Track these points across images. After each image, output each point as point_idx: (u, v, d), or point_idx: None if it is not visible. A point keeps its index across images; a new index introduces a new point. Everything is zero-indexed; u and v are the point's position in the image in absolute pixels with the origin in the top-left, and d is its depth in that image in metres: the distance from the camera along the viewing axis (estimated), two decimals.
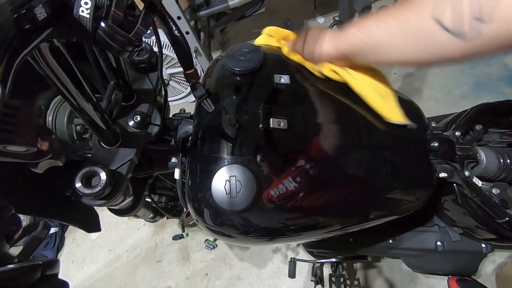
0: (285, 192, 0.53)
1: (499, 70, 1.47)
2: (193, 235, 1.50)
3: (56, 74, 0.36)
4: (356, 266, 1.23)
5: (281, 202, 0.53)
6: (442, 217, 0.82)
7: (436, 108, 1.44)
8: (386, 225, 0.67)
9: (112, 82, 0.55)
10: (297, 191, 0.54)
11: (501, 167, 0.66)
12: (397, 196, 0.64)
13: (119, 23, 0.28)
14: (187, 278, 1.41)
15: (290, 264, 1.03)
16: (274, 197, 0.52)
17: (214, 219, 0.54)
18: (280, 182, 0.53)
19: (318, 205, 0.56)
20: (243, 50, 0.60)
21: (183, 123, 0.64)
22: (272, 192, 0.52)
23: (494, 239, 0.74)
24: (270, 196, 0.52)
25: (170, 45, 1.57)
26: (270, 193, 0.52)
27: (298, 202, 0.54)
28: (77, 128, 0.58)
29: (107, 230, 1.66)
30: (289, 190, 0.53)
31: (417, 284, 1.14)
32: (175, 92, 1.84)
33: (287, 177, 0.54)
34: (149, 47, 0.62)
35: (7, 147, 0.26)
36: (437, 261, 0.84)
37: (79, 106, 0.42)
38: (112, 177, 0.49)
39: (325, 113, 0.60)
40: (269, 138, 0.55)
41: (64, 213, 0.58)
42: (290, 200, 0.53)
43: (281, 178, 0.53)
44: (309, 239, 0.74)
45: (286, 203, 0.53)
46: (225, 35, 2.17)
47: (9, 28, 0.24)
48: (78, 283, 1.56)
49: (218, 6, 1.54)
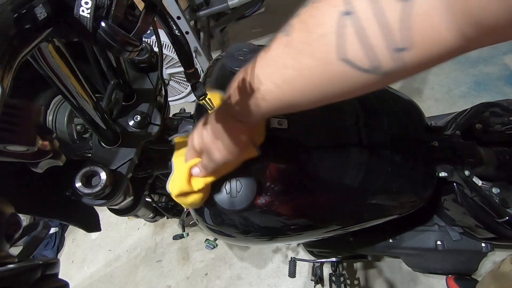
0: (286, 191, 0.53)
1: (499, 69, 1.47)
2: (193, 234, 1.50)
3: (56, 73, 0.36)
4: (356, 265, 1.23)
5: (281, 201, 0.53)
6: (442, 217, 0.82)
7: (436, 108, 1.44)
8: (386, 224, 0.67)
9: (112, 81, 0.55)
10: (297, 190, 0.54)
11: (501, 167, 0.66)
12: (397, 196, 0.64)
13: (120, 23, 0.28)
14: (187, 277, 1.41)
15: (290, 263, 1.03)
16: (274, 197, 0.52)
17: (214, 218, 0.54)
18: (280, 182, 0.53)
19: (318, 204, 0.56)
20: (243, 49, 0.60)
21: (183, 123, 0.64)
22: (272, 191, 0.52)
23: (494, 238, 0.74)
24: (270, 196, 0.52)
25: (170, 45, 1.57)
26: (270, 193, 0.52)
27: (299, 202, 0.54)
28: (77, 127, 0.58)
29: (107, 230, 1.66)
30: (289, 189, 0.53)
31: (417, 283, 1.14)
32: (175, 92, 1.84)
33: (287, 177, 0.54)
34: (149, 47, 0.62)
35: (7, 147, 0.26)
36: (437, 261, 0.84)
37: (79, 105, 0.42)
38: (112, 176, 0.49)
39: (326, 112, 0.60)
40: (269, 137, 0.55)
41: (64, 213, 0.58)
42: (290, 200, 0.53)
43: (281, 178, 0.53)
44: (309, 239, 0.74)
45: (287, 202, 0.53)
46: (225, 35, 2.17)
47: (9, 27, 0.24)
48: (78, 283, 1.56)
49: (218, 6, 1.54)
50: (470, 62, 1.53)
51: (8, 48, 0.24)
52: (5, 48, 0.23)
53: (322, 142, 0.57)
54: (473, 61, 1.53)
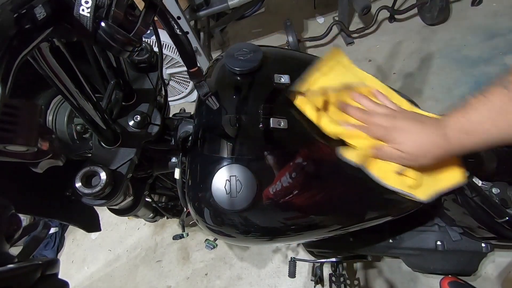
0: (285, 191, 0.53)
1: (499, 70, 1.47)
2: (193, 235, 1.50)
3: (56, 74, 0.36)
4: (356, 265, 1.23)
5: (281, 201, 0.53)
6: (442, 217, 0.82)
7: (436, 108, 1.44)
8: (386, 224, 0.67)
9: (112, 81, 0.55)
10: (297, 190, 0.54)
11: (500, 167, 0.66)
12: (397, 196, 0.64)
13: (120, 23, 0.28)
14: (187, 278, 1.41)
15: (290, 263, 1.03)
16: (274, 197, 0.52)
17: (214, 218, 0.54)
18: (280, 182, 0.53)
19: (318, 204, 0.56)
20: (243, 49, 0.60)
21: (183, 122, 0.64)
22: (272, 191, 0.52)
23: (494, 238, 0.74)
24: (270, 196, 0.52)
25: (170, 45, 1.57)
26: (270, 192, 0.52)
27: (298, 202, 0.54)
28: (77, 127, 0.58)
29: (107, 230, 1.66)
30: (289, 189, 0.53)
31: (417, 284, 1.14)
32: (175, 92, 1.84)
33: (288, 177, 0.54)
34: (149, 46, 0.62)
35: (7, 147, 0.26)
36: (437, 261, 0.84)
37: (79, 105, 0.42)
38: (112, 177, 0.49)
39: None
40: (269, 137, 0.55)
41: (64, 213, 0.58)
42: (290, 200, 0.53)
43: (281, 178, 0.53)
44: (309, 239, 0.74)
45: (286, 202, 0.53)
46: (225, 35, 2.17)
47: (9, 27, 0.24)
48: (78, 283, 1.56)
49: (218, 6, 1.54)
50: (470, 62, 1.53)
51: (8, 48, 0.24)
52: (5, 48, 0.23)
53: (322, 142, 0.57)
54: (474, 61, 1.53)
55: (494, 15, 1.65)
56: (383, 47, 1.74)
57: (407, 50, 1.69)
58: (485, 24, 1.64)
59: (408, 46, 1.70)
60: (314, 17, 2.04)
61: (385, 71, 1.65)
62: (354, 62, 0.62)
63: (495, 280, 1.04)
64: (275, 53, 0.66)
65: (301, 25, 2.02)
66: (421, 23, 1.77)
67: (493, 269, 1.07)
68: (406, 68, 1.62)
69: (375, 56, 1.73)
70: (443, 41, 1.64)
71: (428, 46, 1.65)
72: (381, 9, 1.70)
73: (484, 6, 1.71)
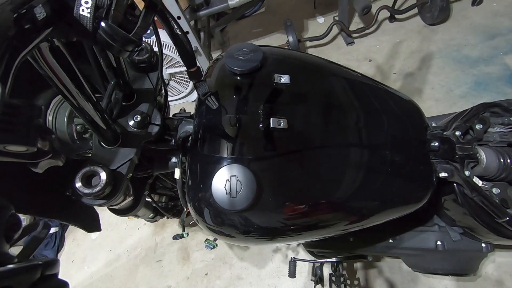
0: (285, 191, 0.53)
1: (499, 69, 1.47)
2: (193, 234, 1.50)
3: (56, 74, 0.36)
4: (356, 266, 1.23)
5: (281, 201, 0.53)
6: (442, 217, 0.82)
7: (436, 108, 1.44)
8: (386, 224, 0.67)
9: (112, 81, 0.55)
10: (297, 190, 0.54)
11: (501, 167, 0.66)
12: (397, 196, 0.64)
13: (119, 23, 0.28)
14: (187, 277, 1.41)
15: (290, 263, 1.03)
16: (274, 197, 0.52)
17: (214, 218, 0.54)
18: (280, 182, 0.53)
19: (318, 204, 0.56)
20: (243, 49, 0.60)
21: (183, 122, 0.64)
22: (272, 191, 0.52)
23: (495, 238, 0.74)
24: (270, 196, 0.52)
25: (170, 45, 1.57)
26: (270, 192, 0.52)
27: (299, 202, 0.54)
28: (77, 127, 0.58)
29: (107, 230, 1.66)
30: (289, 189, 0.53)
31: (417, 284, 1.14)
32: (175, 92, 1.84)
33: (287, 177, 0.54)
34: (149, 46, 0.62)
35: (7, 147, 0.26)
36: (437, 261, 0.84)
37: (79, 105, 0.42)
38: (112, 176, 0.49)
39: (326, 112, 0.60)
40: (269, 137, 0.55)
41: (64, 213, 0.58)
42: (290, 200, 0.53)
43: (281, 177, 0.53)
44: (309, 239, 0.74)
45: (286, 202, 0.53)
46: (225, 35, 2.17)
47: (9, 27, 0.24)
48: (78, 283, 1.56)
49: (218, 6, 1.54)
50: (470, 62, 1.53)
51: (8, 48, 0.24)
52: (5, 48, 0.23)
53: (322, 142, 0.57)
54: (474, 61, 1.53)
55: (494, 15, 1.65)
56: (383, 47, 1.74)
57: (407, 50, 1.69)
58: (485, 24, 1.64)
59: (408, 46, 1.70)
60: (314, 17, 2.04)
61: (385, 71, 1.65)
62: (354, 62, 0.62)
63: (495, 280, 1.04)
64: (275, 53, 0.66)
65: (301, 25, 2.01)
66: (421, 23, 1.77)
67: (493, 269, 1.07)
68: (406, 68, 1.62)
69: (375, 56, 1.72)
70: (443, 41, 1.64)
71: (428, 46, 1.65)
72: (381, 9, 1.70)
73: (484, 6, 1.71)
